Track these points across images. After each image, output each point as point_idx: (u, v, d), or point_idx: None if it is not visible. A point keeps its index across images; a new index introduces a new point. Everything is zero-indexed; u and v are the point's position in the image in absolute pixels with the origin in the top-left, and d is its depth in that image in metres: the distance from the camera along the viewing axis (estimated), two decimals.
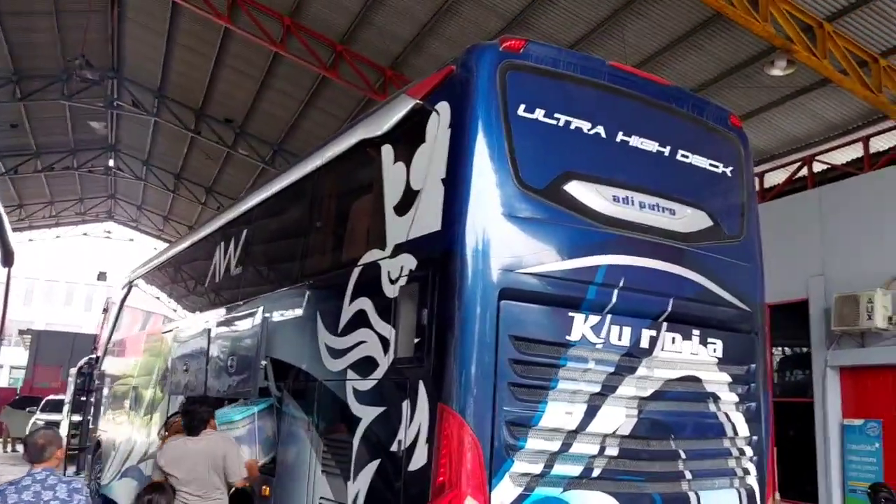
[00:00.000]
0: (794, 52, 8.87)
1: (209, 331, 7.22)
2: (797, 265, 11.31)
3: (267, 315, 6.13)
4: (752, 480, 4.80)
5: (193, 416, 5.70)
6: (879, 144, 11.27)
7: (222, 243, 8.05)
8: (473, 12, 11.93)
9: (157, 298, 10.93)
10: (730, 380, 4.78)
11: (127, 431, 10.42)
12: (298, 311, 5.77)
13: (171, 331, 9.16)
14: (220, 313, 7.33)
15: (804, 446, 11.26)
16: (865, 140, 11.17)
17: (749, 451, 4.81)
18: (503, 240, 4.16)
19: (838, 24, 9.25)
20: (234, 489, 6.09)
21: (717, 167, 5.10)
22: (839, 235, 11.05)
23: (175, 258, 10.24)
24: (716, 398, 4.71)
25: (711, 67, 10.91)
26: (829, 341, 10.94)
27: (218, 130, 20.51)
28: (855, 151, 11.52)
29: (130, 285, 12.48)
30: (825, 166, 11.97)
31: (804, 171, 12.07)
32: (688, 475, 4.51)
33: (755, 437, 4.85)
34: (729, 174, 5.16)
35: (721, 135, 5.24)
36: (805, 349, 10.98)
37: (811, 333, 10.99)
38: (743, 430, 4.78)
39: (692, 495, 4.50)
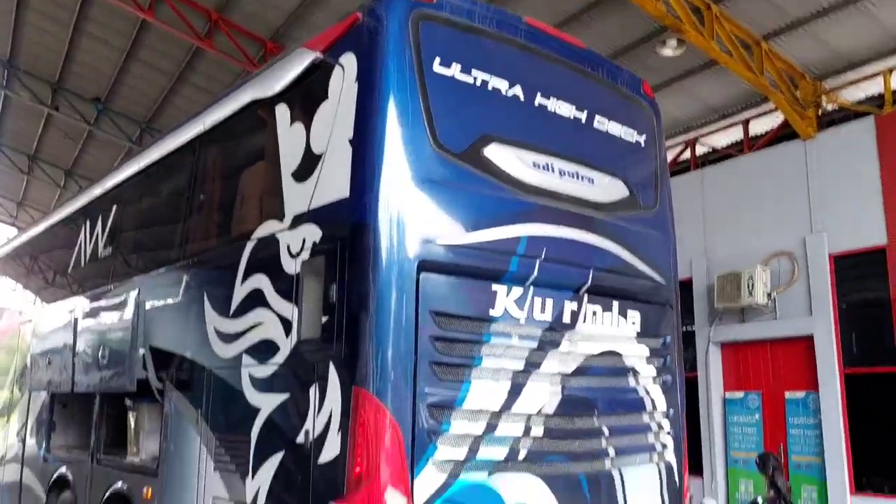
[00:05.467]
0: (683, 32, 8.99)
1: (75, 320, 6.43)
2: (681, 246, 11.53)
3: (143, 299, 5.48)
4: (670, 455, 4.71)
5: None
6: (758, 127, 11.74)
7: (88, 223, 7.23)
8: None
9: (13, 290, 9.79)
10: (647, 353, 4.67)
11: None
12: (181, 293, 5.18)
13: (29, 322, 8.18)
14: (87, 300, 6.54)
15: (689, 420, 11.67)
16: (745, 123, 11.62)
17: (666, 425, 4.73)
18: (421, 207, 3.80)
19: (725, 5, 9.47)
20: (111, 492, 5.44)
21: (631, 135, 4.96)
22: (720, 215, 11.45)
23: (32, 242, 9.18)
24: (635, 372, 4.58)
25: (601, 47, 10.94)
26: (711, 318, 11.34)
27: (78, 106, 18.87)
28: (735, 134, 11.95)
29: None
30: (707, 149, 12.37)
31: (687, 154, 12.43)
32: (611, 452, 4.35)
33: (672, 410, 4.77)
34: (643, 143, 5.03)
35: (635, 103, 5.10)
36: (690, 327, 11.30)
37: (695, 311, 11.34)
38: (661, 403, 4.69)
39: (615, 473, 4.35)
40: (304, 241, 4.04)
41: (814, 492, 9.87)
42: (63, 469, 6.64)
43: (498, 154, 4.13)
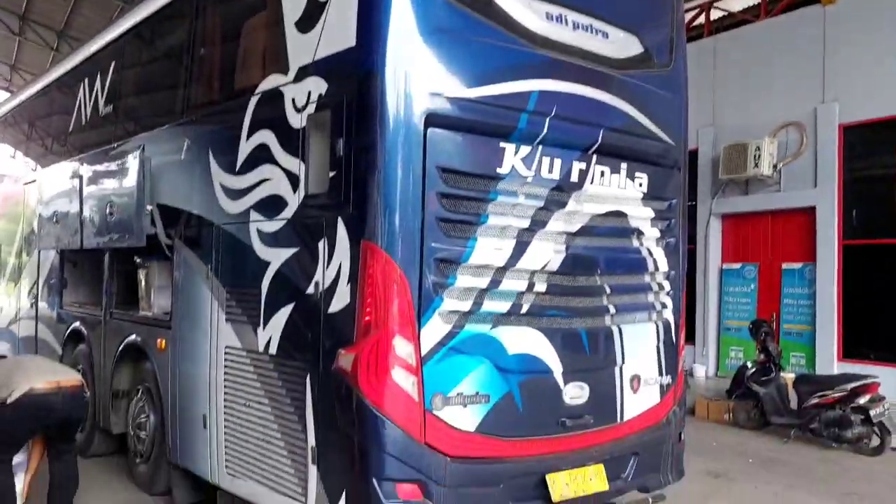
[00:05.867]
0: None
1: (81, 178, 6.41)
2: (689, 115, 11.47)
3: (148, 156, 5.43)
4: (668, 314, 4.83)
5: None
6: None
7: (87, 80, 7.07)
8: None
9: (13, 148, 9.72)
10: (653, 215, 4.68)
11: None
12: (186, 150, 5.15)
13: (34, 182, 8.17)
14: (91, 159, 6.50)
15: (686, 291, 11.93)
16: None
17: (667, 286, 4.81)
18: (429, 57, 3.69)
19: None
20: (126, 343, 5.64)
21: None
22: (731, 85, 11.20)
23: (31, 101, 9.01)
24: (639, 233, 4.61)
25: None
26: (714, 190, 11.35)
27: None
28: None
29: None
30: (723, 13, 11.91)
31: (701, 19, 11.99)
32: (611, 310, 4.45)
33: (673, 272, 4.84)
34: None
35: None
36: (692, 201, 11.31)
37: (698, 183, 11.33)
38: (663, 264, 4.75)
39: (614, 329, 4.47)
40: (309, 94, 3.96)
41: (802, 358, 10.23)
42: (77, 324, 6.84)
43: (509, 3, 3.98)
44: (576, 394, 4.19)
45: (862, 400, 7.30)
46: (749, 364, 8.46)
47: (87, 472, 5.57)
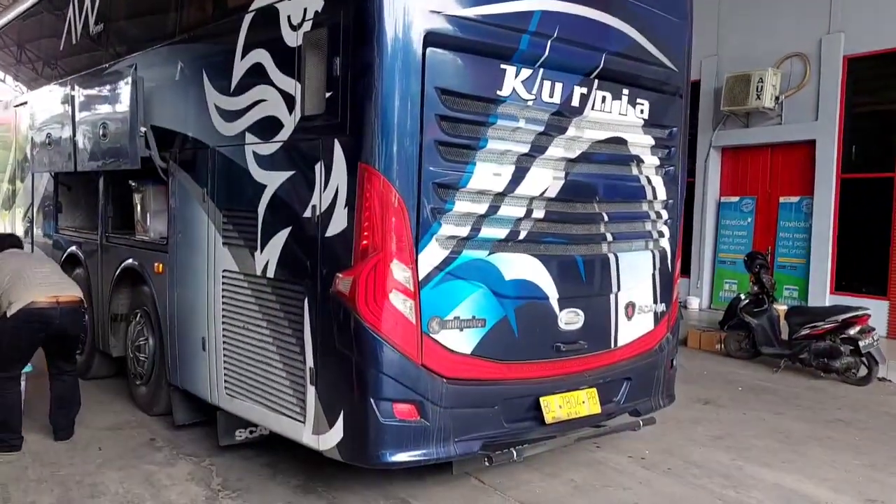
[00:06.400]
0: None
1: (73, 99, 6.29)
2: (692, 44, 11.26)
3: (141, 77, 5.32)
4: (665, 243, 4.84)
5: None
6: None
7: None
8: None
9: (3, 69, 9.52)
10: (653, 143, 4.63)
11: None
12: (179, 71, 5.04)
13: (24, 104, 8.03)
14: (82, 80, 6.37)
15: (683, 223, 11.93)
16: None
17: (665, 215, 4.81)
18: None
19: None
20: (123, 268, 5.65)
21: None
22: (735, 14, 10.95)
23: (19, 21, 8.78)
24: (639, 161, 4.58)
25: None
26: (715, 122, 11.22)
27: None
28: None
29: None
30: None
31: None
32: (608, 237, 4.46)
33: (671, 201, 4.83)
34: None
35: None
36: (692, 131, 11.20)
37: (699, 115, 11.19)
38: (661, 193, 4.74)
39: (611, 257, 4.49)
40: (304, 10, 3.85)
41: (795, 291, 10.33)
42: (73, 248, 6.82)
43: None
44: (571, 320, 4.23)
45: (852, 331, 7.41)
46: (742, 296, 8.54)
47: (89, 394, 5.67)
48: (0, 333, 4.72)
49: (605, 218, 4.42)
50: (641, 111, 4.51)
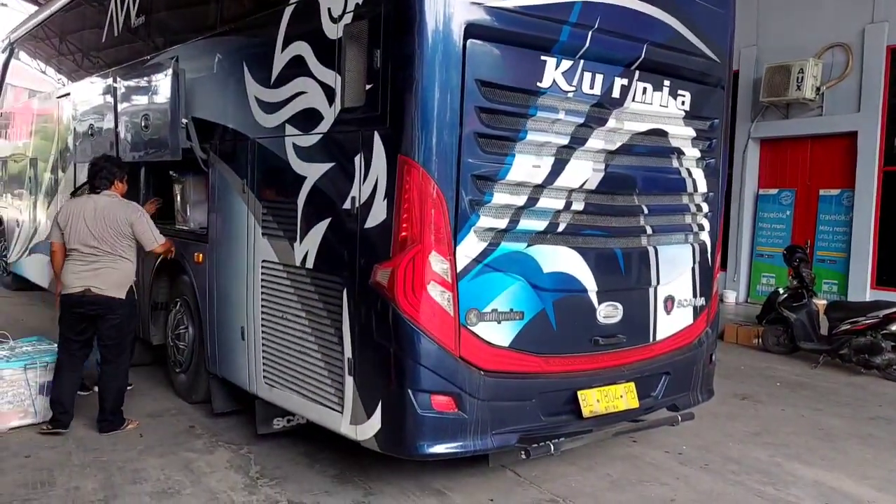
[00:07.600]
0: None
1: (115, 91, 6.39)
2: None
3: (182, 69, 5.39)
4: (705, 236, 4.78)
5: (98, 170, 5.12)
6: None
7: None
8: None
9: (46, 61, 9.70)
10: (694, 135, 4.57)
11: (30, 207, 9.70)
12: (220, 63, 5.09)
13: (67, 95, 8.18)
14: (124, 71, 6.47)
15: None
16: None
17: (705, 208, 4.75)
18: None
19: None
20: (161, 258, 5.72)
21: None
22: (775, 4, 10.75)
23: (62, 14, 8.93)
24: (680, 153, 4.52)
25: None
26: (754, 113, 11.05)
27: None
28: None
29: (12, 48, 11.02)
30: None
31: None
32: (648, 230, 4.42)
33: (712, 194, 4.77)
34: None
35: None
36: (731, 122, 11.03)
37: (738, 106, 11.02)
38: (702, 186, 4.67)
39: (651, 250, 4.44)
40: (345, 3, 3.86)
41: (835, 285, 10.15)
42: None
43: None
44: (609, 313, 4.20)
45: (893, 327, 7.25)
46: (781, 290, 8.41)
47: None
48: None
49: (645, 210, 4.38)
50: (683, 103, 4.45)
